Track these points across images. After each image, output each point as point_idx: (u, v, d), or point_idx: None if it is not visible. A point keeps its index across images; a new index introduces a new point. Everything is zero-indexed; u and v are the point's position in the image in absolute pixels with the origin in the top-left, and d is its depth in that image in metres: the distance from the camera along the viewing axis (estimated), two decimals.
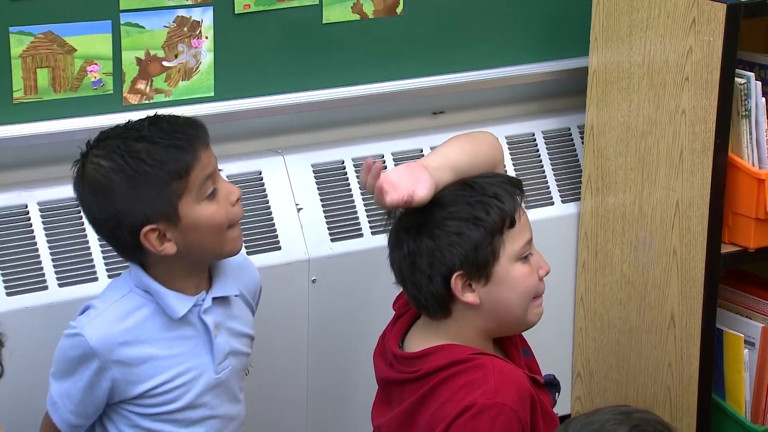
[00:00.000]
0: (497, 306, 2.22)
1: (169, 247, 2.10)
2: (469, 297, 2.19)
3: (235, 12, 2.54)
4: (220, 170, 2.16)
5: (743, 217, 2.61)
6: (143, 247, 2.10)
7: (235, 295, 2.27)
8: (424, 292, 2.20)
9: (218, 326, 2.22)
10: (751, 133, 2.60)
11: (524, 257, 2.21)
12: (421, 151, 2.77)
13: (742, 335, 2.70)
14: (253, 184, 2.59)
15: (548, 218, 2.84)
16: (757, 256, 2.66)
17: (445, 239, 2.18)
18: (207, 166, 2.10)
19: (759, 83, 2.59)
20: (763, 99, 2.60)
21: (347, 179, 2.71)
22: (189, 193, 2.09)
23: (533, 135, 2.90)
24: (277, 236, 2.62)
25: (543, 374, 2.33)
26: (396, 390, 2.30)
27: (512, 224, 2.20)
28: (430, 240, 2.19)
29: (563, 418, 2.24)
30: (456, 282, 2.18)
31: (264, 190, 2.62)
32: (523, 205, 2.23)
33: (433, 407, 2.20)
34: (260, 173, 2.62)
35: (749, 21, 2.56)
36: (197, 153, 2.08)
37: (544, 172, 2.88)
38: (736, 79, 2.56)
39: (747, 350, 2.70)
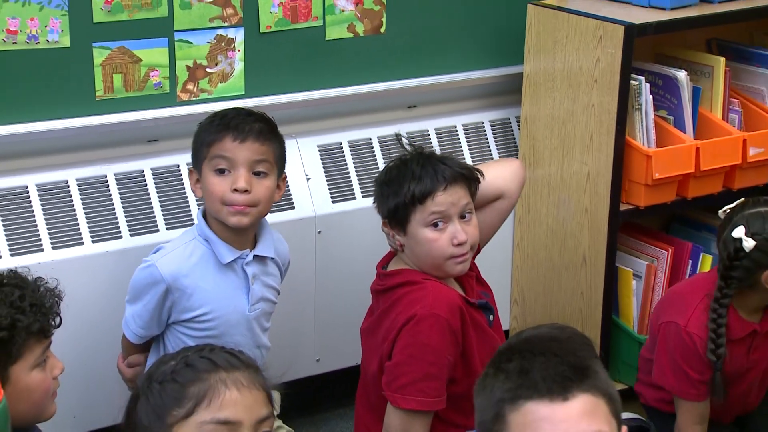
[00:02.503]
0: (415, 254, 2.23)
1: None
2: (400, 239, 2.22)
3: (260, 31, 2.54)
4: None
5: (636, 184, 2.62)
6: None
7: (271, 258, 2.28)
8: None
9: (255, 277, 2.24)
10: (642, 122, 2.61)
11: (434, 224, 2.18)
12: (399, 135, 2.78)
13: (632, 270, 2.71)
14: None
15: None
16: (645, 212, 2.67)
17: (381, 195, 2.23)
18: None
19: (648, 85, 2.59)
20: (651, 96, 2.60)
21: (344, 156, 2.71)
22: None
23: (482, 124, 2.89)
24: (292, 199, 2.62)
25: (478, 300, 2.29)
26: (377, 299, 2.31)
27: (422, 201, 2.17)
28: (379, 190, 2.23)
29: (507, 333, 2.26)
30: (384, 225, 2.23)
31: None
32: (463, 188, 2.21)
33: (392, 317, 2.21)
34: None
35: (640, 38, 2.55)
36: None
37: (490, 150, 2.88)
38: (631, 81, 2.56)
39: (635, 281, 2.71)
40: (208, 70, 2.51)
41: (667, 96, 2.65)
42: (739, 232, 2.31)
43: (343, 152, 2.72)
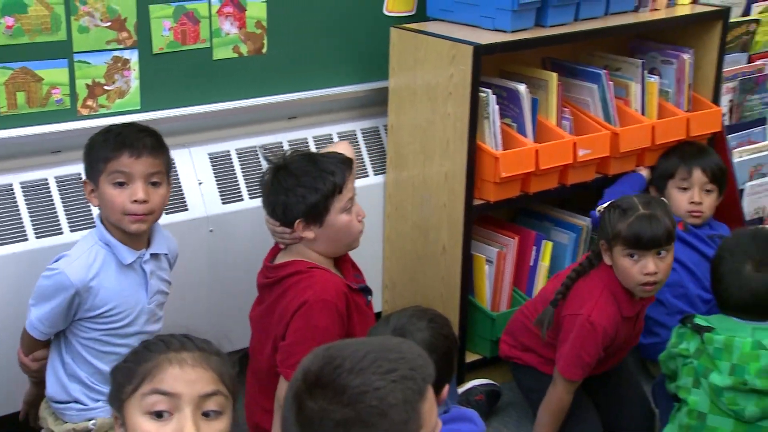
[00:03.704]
0: (331, 240, 2.25)
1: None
2: (308, 234, 2.21)
3: (153, 53, 2.48)
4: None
5: (487, 182, 2.64)
6: None
7: (164, 254, 2.24)
8: (273, 215, 2.24)
9: (153, 273, 2.20)
10: (490, 129, 2.63)
11: (348, 210, 2.24)
12: (281, 143, 2.76)
13: (485, 257, 2.74)
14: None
15: (366, 185, 2.83)
16: (495, 206, 2.69)
17: (293, 198, 2.20)
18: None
19: (494, 97, 2.61)
20: (497, 106, 2.62)
21: (232, 162, 2.68)
22: None
23: (355, 131, 2.89)
24: (185, 202, 2.57)
25: (358, 285, 2.32)
26: (266, 291, 2.30)
27: (340, 191, 2.22)
28: (285, 197, 2.20)
29: (378, 314, 2.27)
30: (298, 225, 2.21)
31: (176, 172, 2.57)
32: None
33: (283, 304, 2.21)
34: (173, 160, 2.56)
35: (487, 57, 2.58)
36: None
37: (362, 155, 2.88)
38: (480, 94, 2.58)
39: (488, 266, 2.74)
40: (105, 87, 2.44)
41: (510, 106, 2.69)
42: (601, 206, 2.37)
43: (231, 159, 2.68)
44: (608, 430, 2.53)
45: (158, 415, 1.37)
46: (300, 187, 2.19)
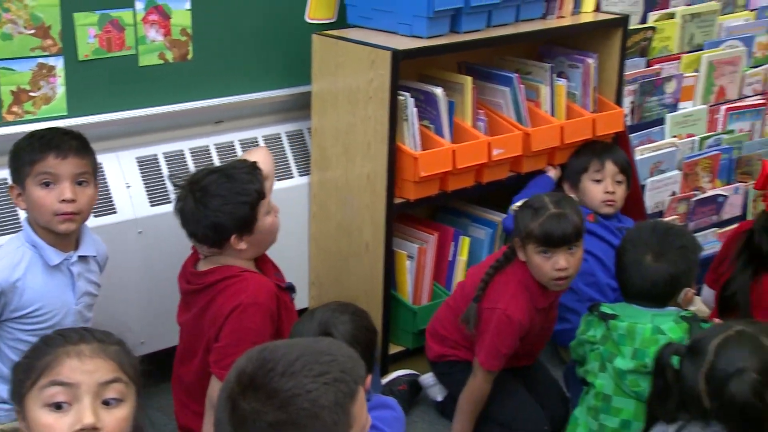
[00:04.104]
0: (259, 243, 2.24)
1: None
2: (242, 245, 2.20)
3: (79, 59, 2.42)
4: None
5: (407, 181, 2.64)
6: None
7: (92, 257, 2.19)
8: (204, 239, 2.20)
9: (80, 275, 2.14)
10: (409, 130, 2.63)
11: (268, 211, 2.23)
12: (208, 147, 2.72)
13: (406, 253, 2.74)
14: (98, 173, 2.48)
15: (291, 186, 2.82)
16: (415, 204, 2.70)
17: (223, 217, 2.17)
18: None
19: (413, 100, 2.62)
20: (415, 109, 2.63)
21: (159, 166, 2.63)
22: None
23: (280, 135, 2.86)
24: (114, 205, 2.52)
25: (285, 283, 2.32)
26: (191, 297, 2.27)
27: (263, 197, 2.22)
28: (215, 217, 2.18)
29: (302, 311, 2.26)
30: (235, 240, 2.18)
31: (104, 176, 2.51)
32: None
33: (215, 308, 2.18)
34: (101, 164, 2.51)
35: (405, 62, 2.58)
36: None
37: (287, 158, 2.86)
38: (399, 97, 2.58)
39: (409, 262, 2.74)
40: (31, 94, 2.37)
41: (428, 108, 2.70)
42: (515, 205, 2.39)
43: (158, 162, 2.63)
44: None
45: (57, 406, 1.35)
46: (227, 204, 2.17)
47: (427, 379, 2.65)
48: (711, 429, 1.83)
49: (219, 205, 2.16)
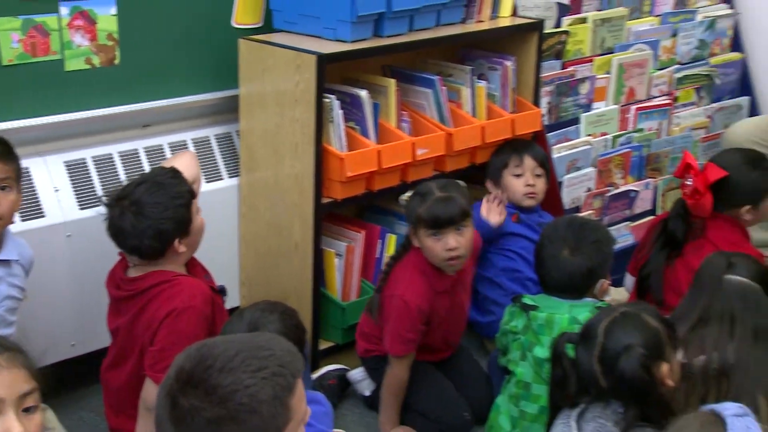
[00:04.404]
0: (193, 242, 2.22)
1: None
2: (182, 248, 2.17)
3: (2, 64, 2.34)
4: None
5: (334, 181, 2.63)
6: None
7: (15, 260, 2.12)
8: (148, 251, 2.14)
9: (2, 279, 2.08)
10: (336, 132, 2.62)
11: (197, 210, 2.21)
12: (137, 150, 2.66)
13: (335, 251, 2.73)
14: (24, 177, 2.39)
15: (221, 188, 2.78)
16: (343, 204, 2.69)
17: (166, 223, 2.14)
18: None
19: (338, 102, 2.61)
20: (341, 111, 2.62)
21: (88, 169, 2.56)
22: None
23: (209, 137, 2.82)
24: (42, 209, 2.44)
25: (217, 285, 2.31)
26: (123, 303, 2.22)
27: (195, 196, 2.19)
28: (158, 226, 2.13)
29: (233, 310, 2.24)
30: (177, 244, 2.15)
31: (32, 180, 2.44)
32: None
33: (150, 312, 2.14)
34: (28, 169, 2.44)
35: (330, 65, 2.57)
36: None
37: (216, 160, 2.82)
38: (325, 99, 2.57)
39: (337, 260, 2.73)
40: None
41: (354, 110, 2.69)
42: (405, 196, 2.41)
43: (87, 166, 2.57)
44: None
45: None
46: (167, 210, 2.13)
47: (356, 374, 2.64)
48: (610, 408, 1.90)
49: (159, 212, 2.12)
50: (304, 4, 2.67)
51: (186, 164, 2.32)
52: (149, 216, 2.11)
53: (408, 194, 2.46)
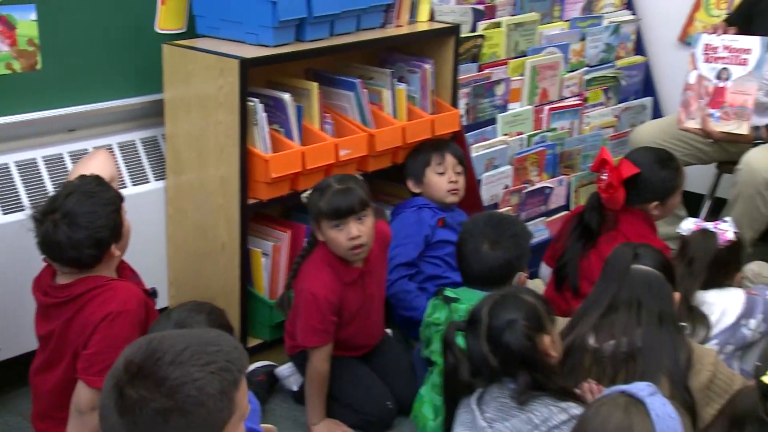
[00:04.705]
0: (124, 245, 2.19)
1: None
2: (117, 252, 2.14)
3: None
4: None
5: (259, 182, 2.61)
6: None
7: None
8: (87, 260, 2.09)
9: None
10: (260, 134, 2.60)
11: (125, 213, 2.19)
12: (61, 155, 2.60)
13: (261, 251, 2.71)
14: None
15: (148, 191, 2.74)
16: (268, 204, 2.67)
17: (102, 231, 2.09)
18: None
19: (262, 105, 2.59)
20: (265, 114, 2.60)
21: (11, 174, 2.49)
22: None
23: (134, 141, 2.77)
24: None
25: (147, 287, 2.27)
26: (53, 310, 2.15)
27: (123, 200, 2.17)
28: (96, 234, 2.07)
29: (162, 310, 2.20)
30: (114, 250, 2.11)
31: None
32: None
33: (84, 317, 2.09)
34: None
35: (254, 69, 2.55)
36: None
37: (143, 163, 2.77)
38: (249, 103, 2.55)
39: (264, 259, 2.71)
40: None
41: (277, 113, 2.67)
42: (306, 193, 2.42)
43: (10, 171, 2.49)
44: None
45: None
46: (100, 218, 2.08)
47: (284, 370, 2.63)
48: (506, 386, 1.97)
49: (93, 221, 2.06)
50: (227, 10, 2.64)
51: (102, 164, 2.27)
52: (85, 226, 2.05)
53: (309, 192, 2.47)
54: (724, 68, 3.08)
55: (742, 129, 3.03)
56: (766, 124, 3.05)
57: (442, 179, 2.94)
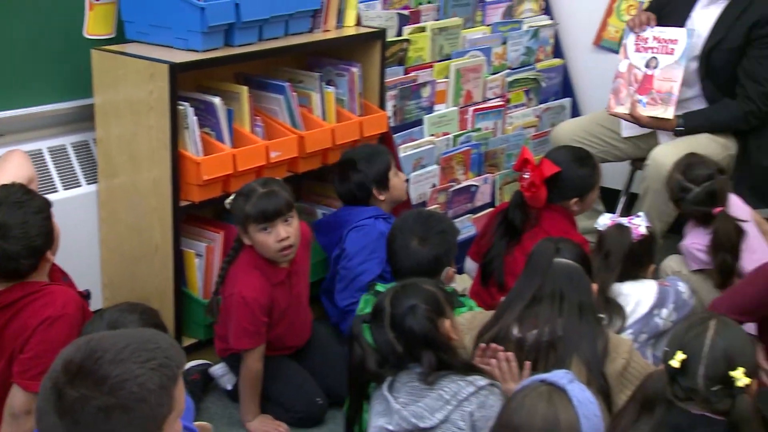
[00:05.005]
0: (56, 248, 2.15)
1: None
2: (52, 257, 2.11)
3: None
4: None
5: (191, 185, 2.58)
6: None
7: None
8: (25, 269, 2.04)
9: None
10: (191, 137, 2.58)
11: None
12: None
13: (195, 252, 2.69)
14: None
15: (79, 195, 2.69)
16: (201, 206, 2.65)
17: (38, 239, 2.03)
18: None
19: (192, 109, 2.57)
20: (196, 118, 2.57)
21: None
22: None
23: (65, 146, 2.72)
24: None
25: (81, 289, 2.23)
26: None
27: (51, 205, 2.12)
28: (31, 244, 2.02)
29: (98, 310, 2.17)
30: (49, 255, 2.07)
31: None
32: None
33: (20, 322, 2.04)
34: None
35: (184, 74, 2.53)
36: None
37: (74, 168, 2.72)
38: (179, 107, 2.53)
39: (198, 260, 2.69)
40: None
41: (208, 117, 2.65)
42: (230, 199, 2.42)
43: None
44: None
45: None
46: (33, 227, 2.02)
47: (217, 370, 2.61)
48: (414, 372, 2.03)
49: (27, 230, 2.01)
50: (156, 16, 2.61)
51: (18, 166, 2.22)
52: (19, 237, 2.00)
53: (232, 197, 2.46)
54: (654, 57, 3.18)
55: (668, 113, 3.13)
56: (677, 114, 3.16)
57: (401, 179, 2.92)
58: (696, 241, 2.76)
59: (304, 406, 2.49)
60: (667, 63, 3.14)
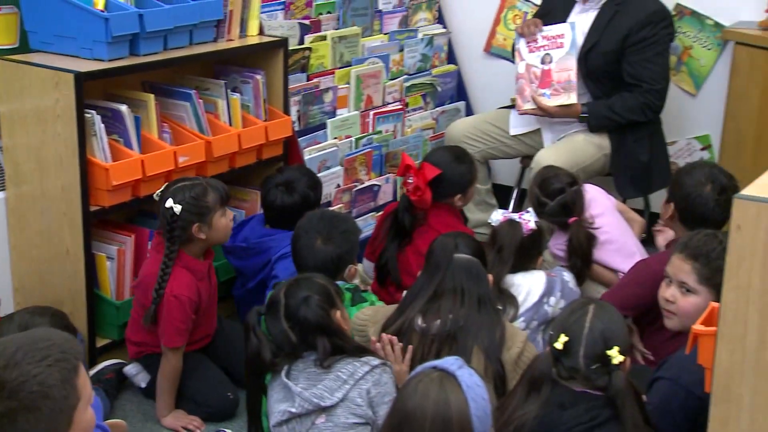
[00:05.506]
0: None
1: None
2: None
3: None
4: None
5: (101, 190, 2.55)
6: None
7: None
8: None
9: None
10: (99, 145, 2.55)
11: None
12: None
13: (106, 255, 2.65)
14: None
15: None
16: (111, 210, 2.61)
17: None
18: None
19: (99, 117, 2.52)
20: (103, 125, 2.53)
21: None
22: None
23: None
24: None
25: None
26: None
27: None
28: None
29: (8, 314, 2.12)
30: None
31: None
32: None
33: None
34: None
35: (91, 82, 2.49)
36: None
37: None
38: (86, 115, 2.49)
39: (109, 263, 2.65)
40: None
41: (116, 124, 2.62)
42: (169, 203, 2.40)
43: None
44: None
45: None
46: None
47: (131, 369, 2.59)
48: (309, 360, 2.08)
49: None
50: (60, 26, 2.56)
51: None
52: None
53: (178, 203, 2.43)
54: (547, 54, 3.30)
55: (571, 99, 3.24)
56: (581, 103, 3.28)
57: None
58: (559, 242, 2.86)
59: (215, 401, 2.50)
60: (560, 56, 3.27)
